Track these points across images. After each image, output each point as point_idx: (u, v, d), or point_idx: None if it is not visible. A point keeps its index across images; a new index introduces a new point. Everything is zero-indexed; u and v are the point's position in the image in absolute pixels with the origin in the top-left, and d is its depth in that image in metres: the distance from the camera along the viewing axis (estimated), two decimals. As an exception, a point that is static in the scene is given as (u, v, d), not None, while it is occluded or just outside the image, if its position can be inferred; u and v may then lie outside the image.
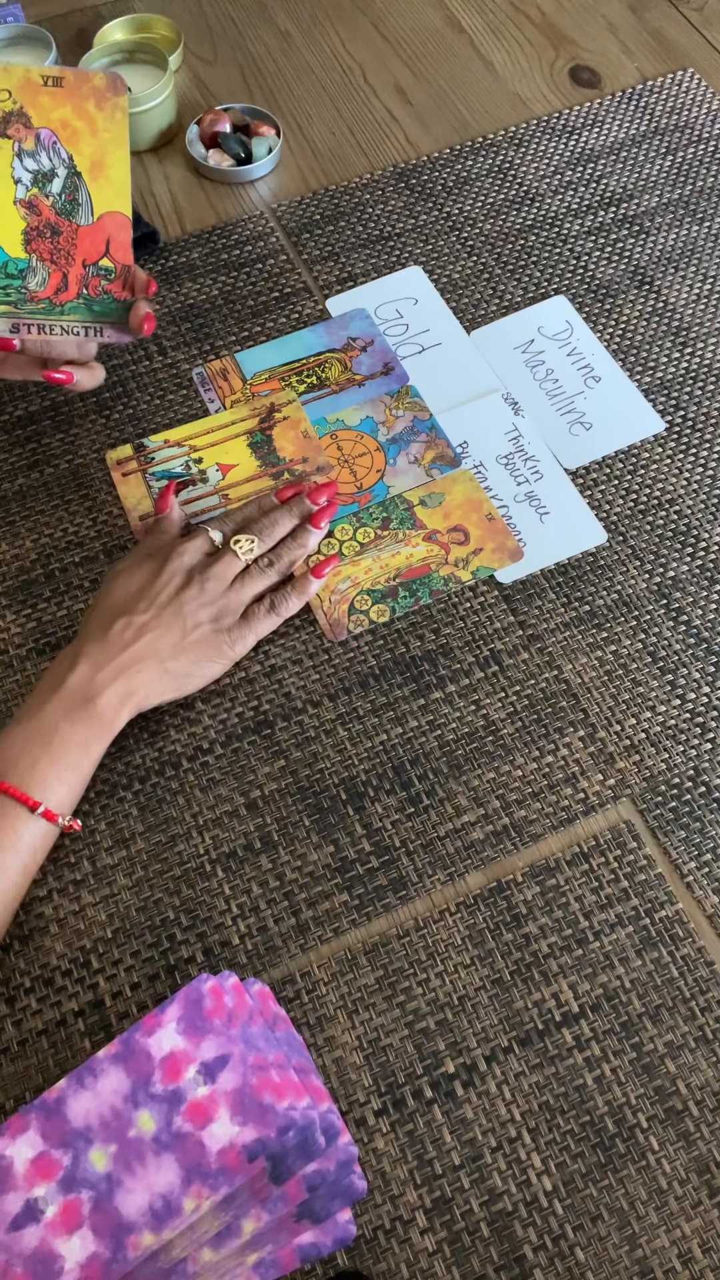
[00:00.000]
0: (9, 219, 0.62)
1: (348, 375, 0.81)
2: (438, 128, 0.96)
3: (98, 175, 0.63)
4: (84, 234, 0.64)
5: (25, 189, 0.62)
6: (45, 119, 0.61)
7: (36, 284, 0.64)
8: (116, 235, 0.65)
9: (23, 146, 0.62)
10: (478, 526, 0.74)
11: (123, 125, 0.63)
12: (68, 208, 0.63)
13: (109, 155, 0.63)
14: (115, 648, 0.62)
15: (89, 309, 0.66)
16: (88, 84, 0.62)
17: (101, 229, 0.64)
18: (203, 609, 0.64)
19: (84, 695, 0.60)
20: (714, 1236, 0.53)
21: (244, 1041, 0.47)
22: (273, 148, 0.93)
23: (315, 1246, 0.51)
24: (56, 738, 0.59)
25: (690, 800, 0.64)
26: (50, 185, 0.63)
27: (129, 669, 0.61)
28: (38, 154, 0.62)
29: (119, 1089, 0.45)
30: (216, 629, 0.65)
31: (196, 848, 0.63)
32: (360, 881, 0.62)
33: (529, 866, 0.62)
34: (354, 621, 0.70)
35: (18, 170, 0.62)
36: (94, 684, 0.60)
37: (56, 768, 0.58)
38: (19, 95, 0.61)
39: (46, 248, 0.63)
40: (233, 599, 0.66)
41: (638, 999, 0.58)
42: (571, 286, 0.86)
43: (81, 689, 0.60)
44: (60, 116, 0.62)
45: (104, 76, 0.62)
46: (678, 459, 0.77)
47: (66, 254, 0.64)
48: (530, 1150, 0.55)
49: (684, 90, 0.97)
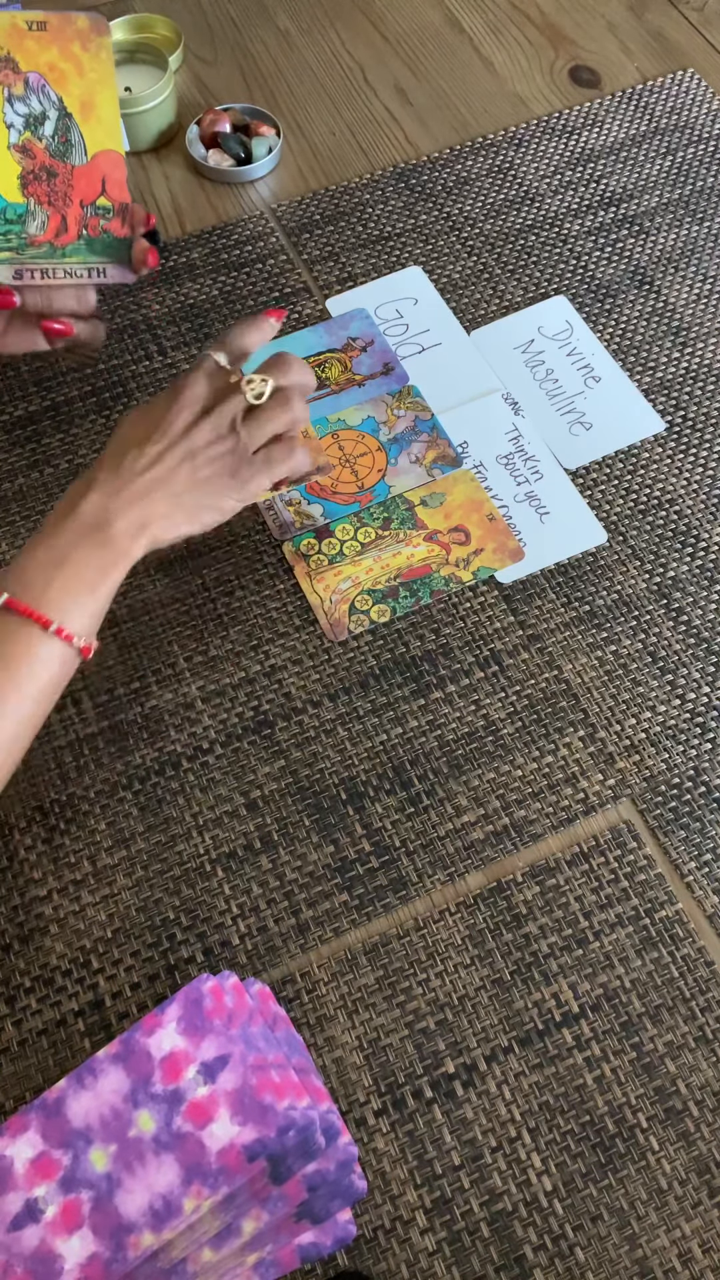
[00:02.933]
0: (4, 164, 0.62)
1: (348, 375, 0.81)
2: (438, 128, 0.96)
3: (88, 115, 0.64)
4: (79, 174, 0.64)
5: (18, 133, 0.62)
6: (32, 62, 0.62)
7: (36, 228, 0.64)
8: (111, 173, 0.65)
9: (12, 91, 0.62)
10: (478, 527, 0.74)
11: (108, 64, 0.63)
12: (61, 149, 0.63)
13: (97, 95, 0.63)
14: (127, 476, 0.60)
15: (90, 249, 0.66)
16: (71, 26, 0.62)
17: (96, 168, 0.65)
18: (215, 443, 0.63)
19: (97, 522, 0.59)
20: (714, 1236, 0.53)
21: (244, 1041, 0.47)
22: (273, 148, 0.93)
23: (315, 1246, 0.51)
24: (69, 561, 0.57)
25: (690, 800, 0.64)
26: (42, 128, 0.63)
27: (142, 498, 0.60)
28: (28, 98, 0.62)
29: (119, 1089, 0.45)
30: (230, 462, 0.63)
31: (196, 848, 0.63)
32: (360, 881, 0.62)
33: (529, 866, 0.62)
34: (354, 621, 0.70)
35: (9, 115, 0.62)
36: (108, 511, 0.59)
37: (71, 591, 0.57)
38: (4, 41, 0.61)
39: (43, 191, 0.63)
40: (244, 435, 0.64)
41: (638, 999, 0.58)
42: (571, 286, 0.86)
43: (95, 516, 0.59)
44: (47, 59, 0.62)
45: (86, 18, 0.62)
46: (678, 459, 0.77)
47: (64, 195, 0.64)
48: (530, 1150, 0.55)
49: (684, 90, 0.97)
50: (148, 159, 0.95)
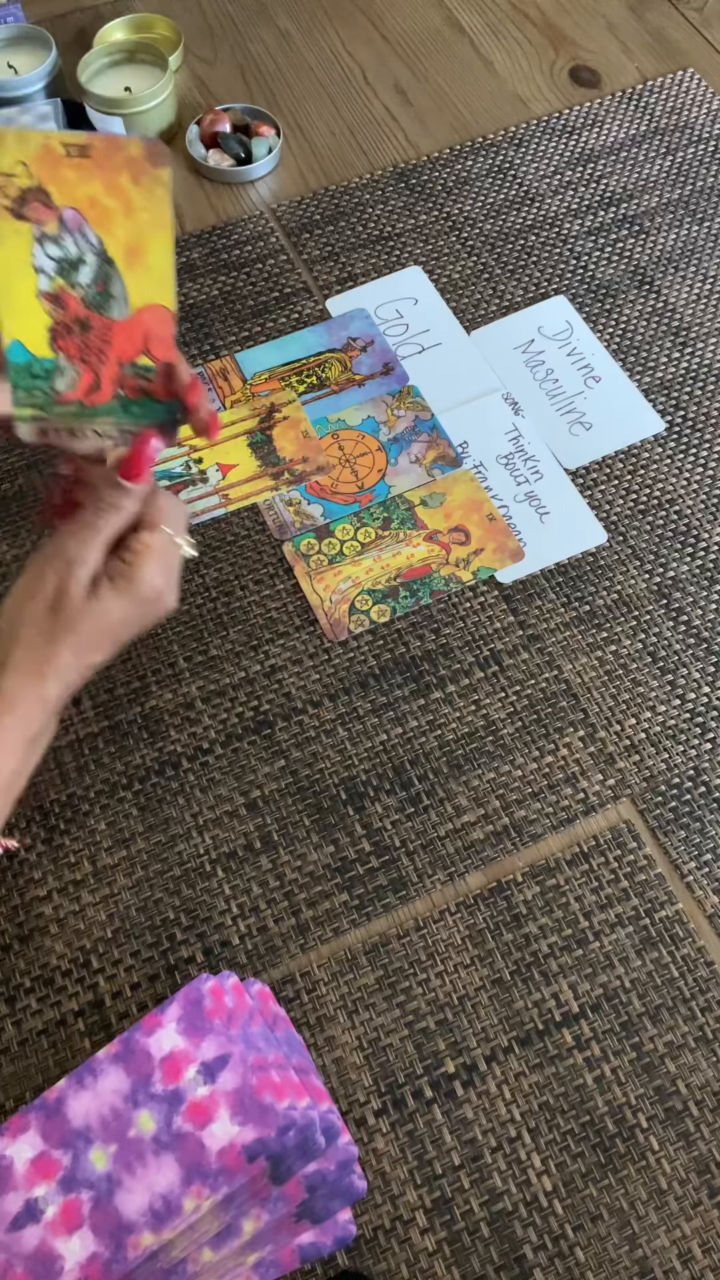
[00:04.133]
0: (32, 314, 0.54)
1: (348, 375, 0.81)
2: (438, 128, 0.96)
3: (134, 263, 0.54)
4: (119, 329, 0.56)
5: (49, 279, 0.54)
6: (69, 196, 0.52)
7: (65, 385, 0.56)
8: (156, 330, 0.56)
9: (44, 230, 0.52)
10: (479, 527, 0.74)
11: (164, 203, 0.53)
12: (99, 300, 0.55)
13: (148, 239, 0.54)
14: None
15: (125, 411, 0.58)
16: (121, 153, 0.51)
17: (139, 324, 0.56)
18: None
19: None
20: (714, 1236, 0.53)
21: (244, 1041, 0.47)
22: (273, 148, 0.93)
23: (315, 1246, 0.51)
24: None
25: (690, 800, 0.64)
26: (78, 274, 0.54)
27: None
28: (62, 239, 0.53)
29: (119, 1089, 0.45)
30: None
31: (196, 848, 0.63)
32: (360, 881, 0.62)
33: (529, 866, 0.62)
34: (354, 621, 0.70)
35: (39, 258, 0.53)
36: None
37: None
38: (37, 168, 0.51)
39: (75, 345, 0.56)
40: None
41: (638, 999, 0.58)
42: (571, 286, 0.86)
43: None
44: (88, 193, 0.52)
45: (140, 144, 0.51)
46: (678, 459, 0.77)
47: (99, 351, 0.56)
48: (530, 1150, 0.55)
49: (684, 90, 0.97)
50: (148, 159, 0.95)
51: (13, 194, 0.51)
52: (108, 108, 0.91)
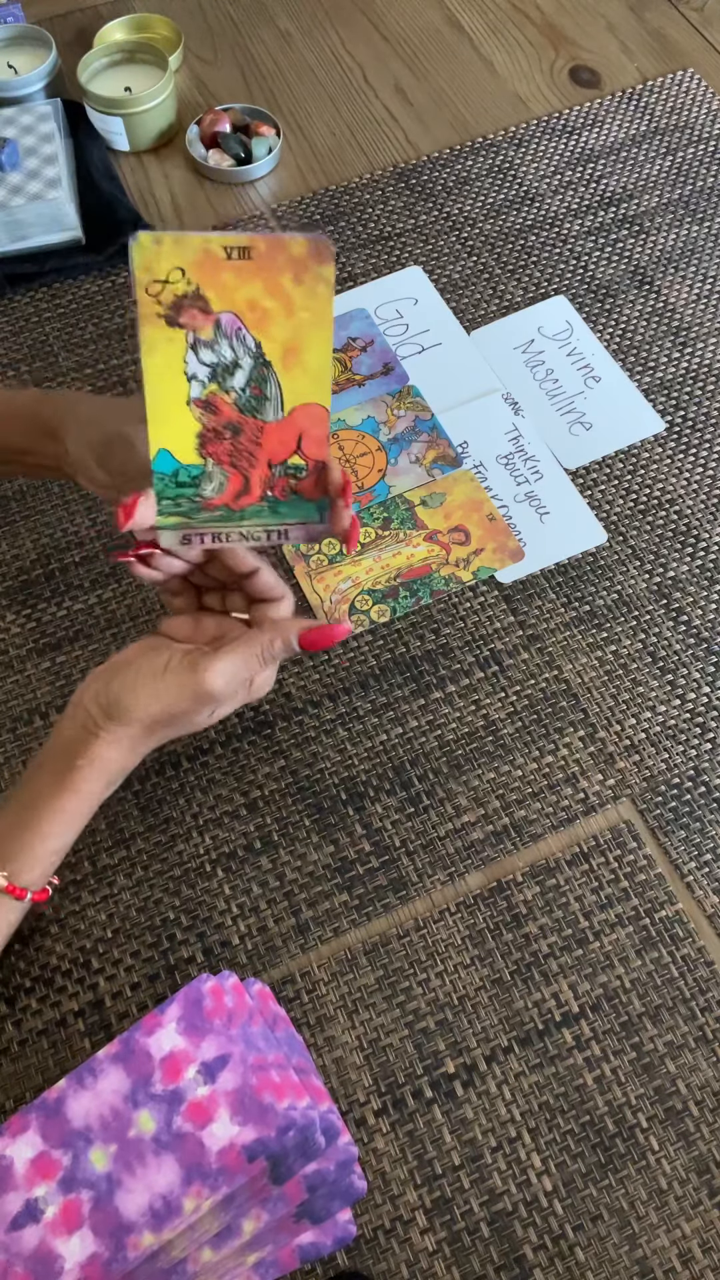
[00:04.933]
0: (181, 422, 0.52)
1: (348, 375, 0.81)
2: (438, 128, 0.96)
3: (291, 364, 0.52)
4: (271, 431, 0.53)
5: (202, 386, 0.51)
6: (228, 301, 0.49)
7: (213, 490, 0.54)
8: (310, 430, 0.54)
9: (199, 337, 0.50)
10: (479, 527, 0.74)
11: (326, 301, 0.50)
12: (253, 404, 0.52)
13: (306, 339, 0.51)
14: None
15: (273, 511, 0.55)
16: (284, 253, 0.48)
17: (293, 424, 0.53)
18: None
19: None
20: (714, 1236, 0.53)
21: (244, 1041, 0.47)
22: (273, 148, 0.93)
23: (315, 1246, 0.51)
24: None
25: (690, 800, 0.64)
26: (232, 379, 0.51)
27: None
28: (217, 344, 0.50)
29: (119, 1089, 0.45)
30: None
31: (196, 848, 0.63)
32: (360, 881, 0.62)
33: (529, 866, 0.62)
34: (354, 621, 0.70)
35: (192, 365, 0.50)
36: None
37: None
38: (195, 274, 0.48)
39: (225, 450, 0.53)
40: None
41: (638, 999, 0.58)
42: (571, 286, 0.86)
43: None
44: (247, 296, 0.49)
45: (305, 242, 0.48)
46: (678, 459, 0.77)
47: (249, 455, 0.54)
48: (530, 1150, 0.55)
49: (684, 90, 0.97)
50: (148, 159, 0.95)
51: (168, 301, 0.48)
52: (108, 108, 0.91)
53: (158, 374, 0.50)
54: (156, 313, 0.49)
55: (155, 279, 0.48)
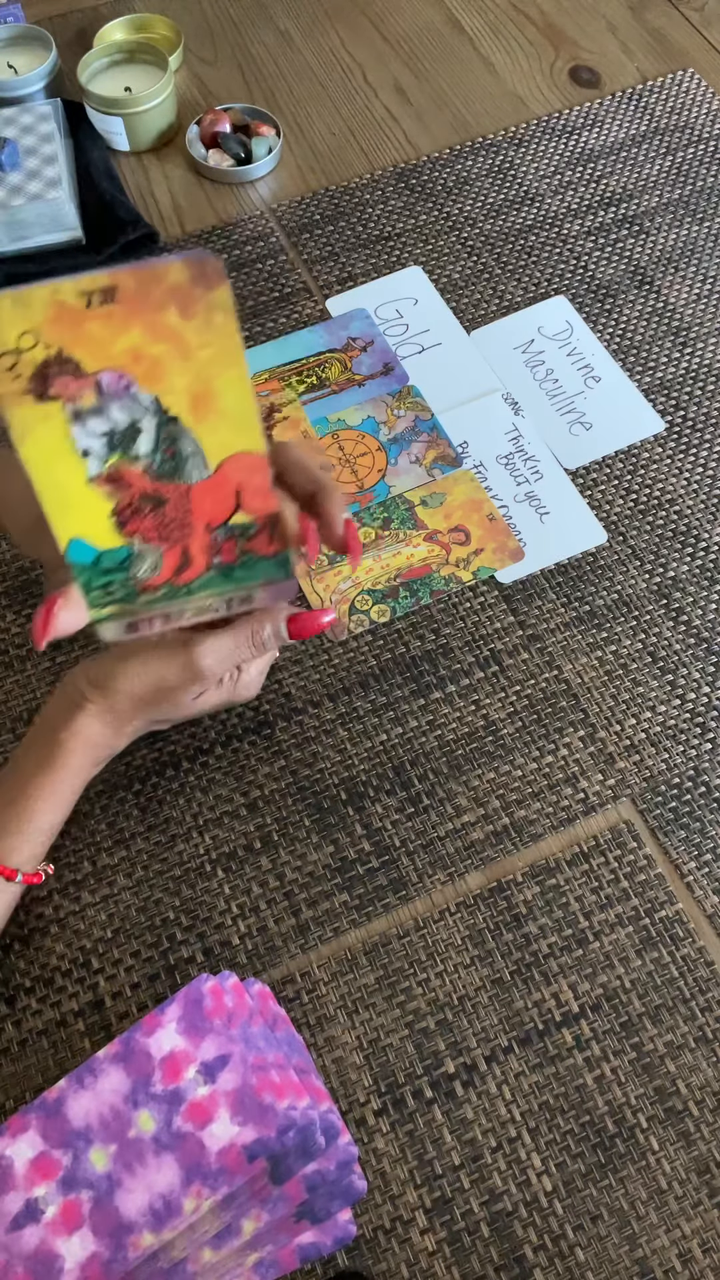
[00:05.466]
0: (88, 504, 0.44)
1: (348, 375, 0.81)
2: (438, 128, 0.96)
3: (205, 412, 0.43)
4: (200, 492, 0.46)
5: (100, 461, 0.43)
6: (103, 357, 0.41)
7: (147, 570, 0.47)
8: (249, 481, 0.46)
9: (79, 405, 0.42)
10: (479, 527, 0.74)
11: (229, 332, 0.41)
12: (169, 467, 0.45)
13: (216, 380, 0.42)
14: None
15: (227, 578, 0.49)
16: (159, 286, 0.39)
17: (225, 480, 0.46)
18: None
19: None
20: (714, 1236, 0.53)
21: (244, 1041, 0.47)
22: (273, 148, 0.93)
23: (315, 1246, 0.51)
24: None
25: (690, 800, 0.64)
26: (135, 445, 0.43)
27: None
28: (105, 409, 0.42)
29: (119, 1089, 0.45)
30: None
31: (196, 848, 0.63)
32: (360, 881, 0.62)
33: (529, 866, 0.62)
34: (354, 621, 0.70)
35: (82, 439, 0.43)
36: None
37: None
38: (52, 334, 0.39)
39: (149, 525, 0.46)
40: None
41: (638, 999, 0.58)
42: (571, 286, 0.86)
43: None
44: (126, 346, 0.41)
45: (182, 265, 0.39)
46: (678, 459, 0.77)
47: (180, 524, 0.46)
48: (530, 1150, 0.55)
49: (684, 90, 0.97)
50: (148, 159, 0.95)
51: (27, 374, 0.40)
52: (108, 108, 0.91)
53: (42, 459, 0.42)
54: (19, 390, 0.40)
55: (4, 350, 0.39)
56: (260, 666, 0.59)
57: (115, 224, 0.87)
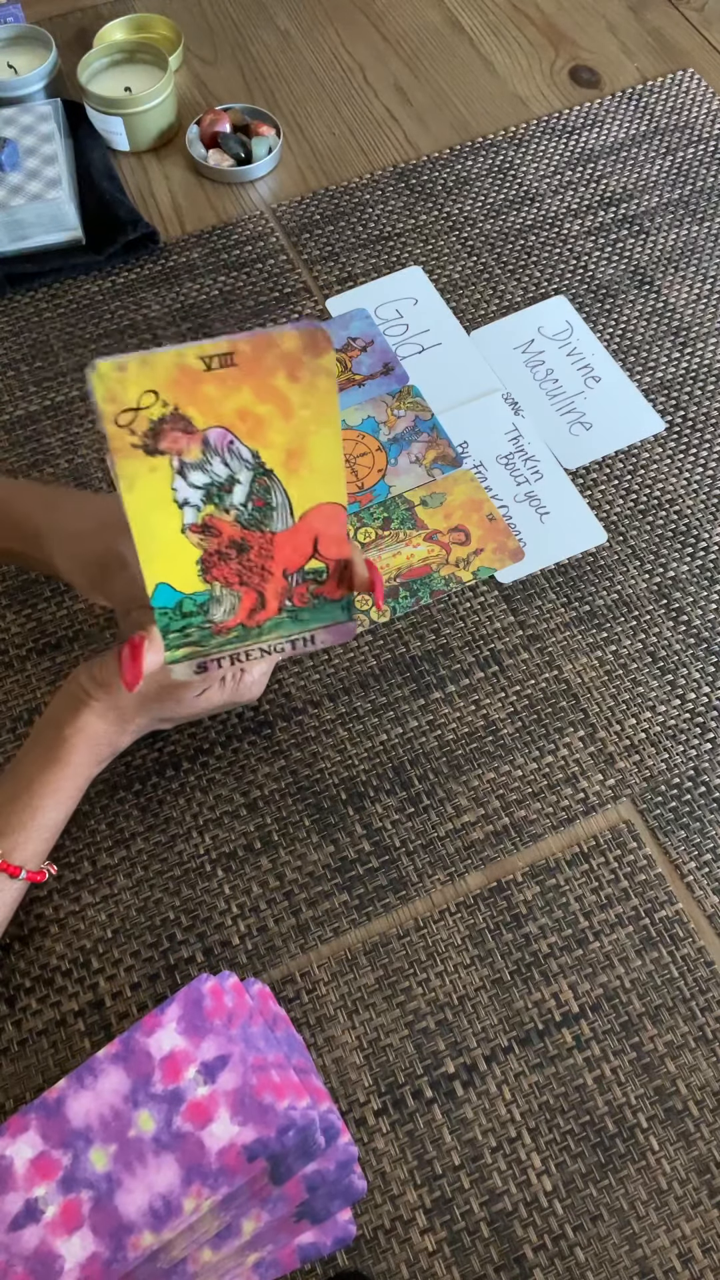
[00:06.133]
0: (179, 552, 0.46)
1: (348, 375, 0.81)
2: (438, 128, 0.96)
3: (297, 466, 0.45)
4: (282, 541, 0.47)
5: (196, 511, 0.45)
6: (213, 415, 0.43)
7: (224, 614, 0.49)
8: (327, 530, 0.47)
9: (185, 460, 0.43)
10: (479, 527, 0.74)
11: (329, 395, 0.43)
12: (257, 517, 0.46)
13: (312, 438, 0.44)
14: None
15: (294, 620, 0.50)
16: (273, 351, 0.41)
17: (306, 529, 0.47)
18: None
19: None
20: (714, 1236, 0.53)
21: (244, 1041, 0.47)
22: (273, 148, 0.93)
23: (315, 1246, 0.51)
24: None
25: (690, 800, 0.64)
26: (230, 497, 0.45)
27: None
28: (208, 463, 0.44)
29: (119, 1089, 0.45)
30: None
31: (196, 848, 0.63)
32: (360, 881, 0.62)
33: (529, 866, 0.62)
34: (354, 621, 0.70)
35: (182, 490, 0.44)
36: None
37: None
38: (171, 394, 0.41)
39: (232, 570, 0.47)
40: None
41: (638, 999, 0.58)
42: (571, 286, 0.86)
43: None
44: (236, 406, 0.43)
45: (295, 335, 0.41)
46: (678, 459, 0.77)
47: (260, 570, 0.48)
48: (530, 1150, 0.55)
49: (684, 90, 0.97)
50: (148, 159, 0.95)
51: (142, 429, 0.42)
52: (108, 108, 0.91)
53: (143, 508, 0.44)
54: (131, 444, 0.42)
55: (124, 408, 0.41)
56: (264, 667, 0.59)
57: (115, 224, 0.87)
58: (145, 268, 0.88)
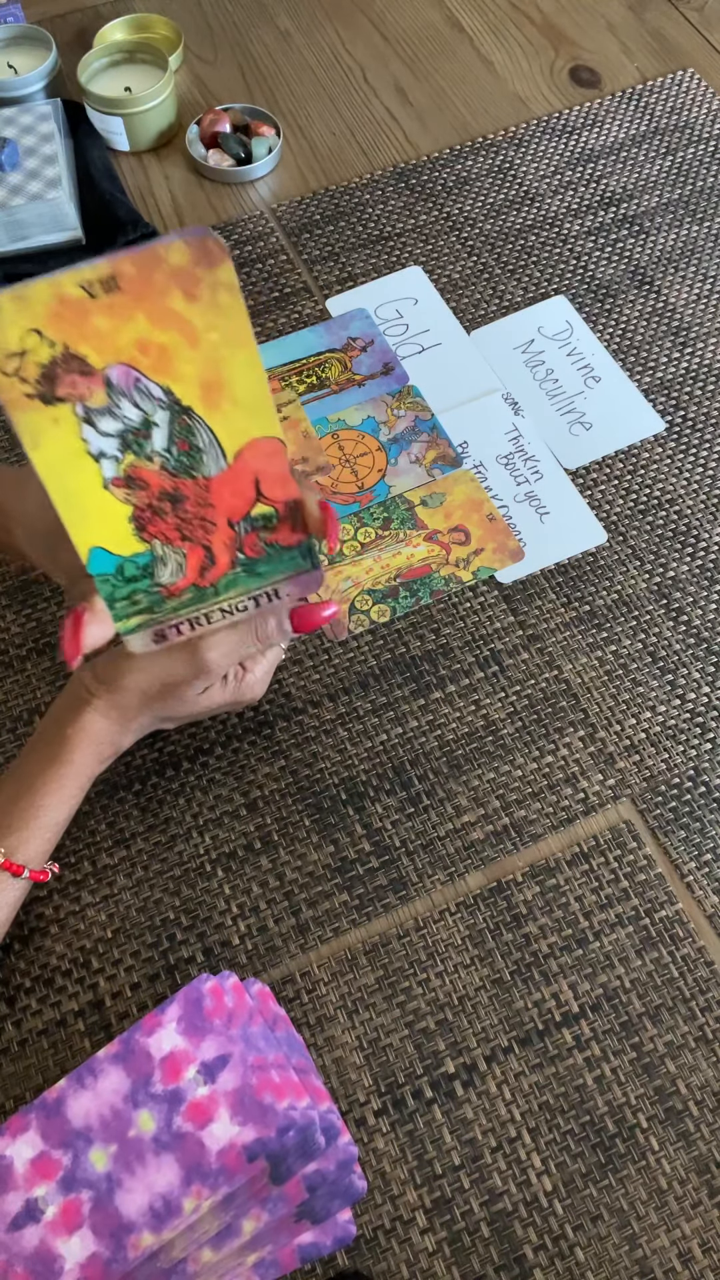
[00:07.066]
0: (106, 510, 0.42)
1: (348, 375, 0.81)
2: (438, 128, 0.96)
3: (217, 399, 0.41)
4: (219, 485, 0.44)
5: (115, 462, 0.41)
6: (110, 351, 0.39)
7: (170, 575, 0.45)
8: (268, 469, 0.44)
9: (90, 406, 0.39)
10: (479, 526, 0.74)
11: (236, 312, 0.39)
12: (185, 461, 0.42)
13: (227, 365, 0.40)
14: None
15: (251, 573, 0.47)
16: (160, 269, 0.37)
17: (244, 469, 0.43)
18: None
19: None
20: (714, 1236, 0.53)
21: (244, 1041, 0.47)
22: (273, 148, 0.93)
23: (315, 1246, 0.51)
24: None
25: (690, 800, 0.64)
26: (150, 443, 0.41)
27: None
28: (116, 406, 0.40)
29: (119, 1089, 0.45)
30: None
31: (196, 848, 0.63)
32: (360, 881, 0.62)
33: (529, 866, 0.62)
34: (354, 621, 0.70)
35: (95, 441, 0.41)
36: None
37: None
38: (56, 330, 0.37)
39: (170, 525, 0.44)
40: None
41: (638, 999, 0.58)
42: (571, 286, 0.86)
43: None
44: (133, 337, 0.38)
45: (182, 245, 0.37)
46: (678, 459, 0.77)
47: (201, 521, 0.45)
48: (530, 1150, 0.55)
49: (684, 90, 0.97)
50: (148, 159, 0.95)
51: (33, 375, 0.38)
52: (108, 108, 0.91)
53: (55, 465, 0.40)
54: (25, 394, 0.38)
55: (7, 352, 0.37)
56: (266, 667, 0.59)
57: (115, 224, 0.87)
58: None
